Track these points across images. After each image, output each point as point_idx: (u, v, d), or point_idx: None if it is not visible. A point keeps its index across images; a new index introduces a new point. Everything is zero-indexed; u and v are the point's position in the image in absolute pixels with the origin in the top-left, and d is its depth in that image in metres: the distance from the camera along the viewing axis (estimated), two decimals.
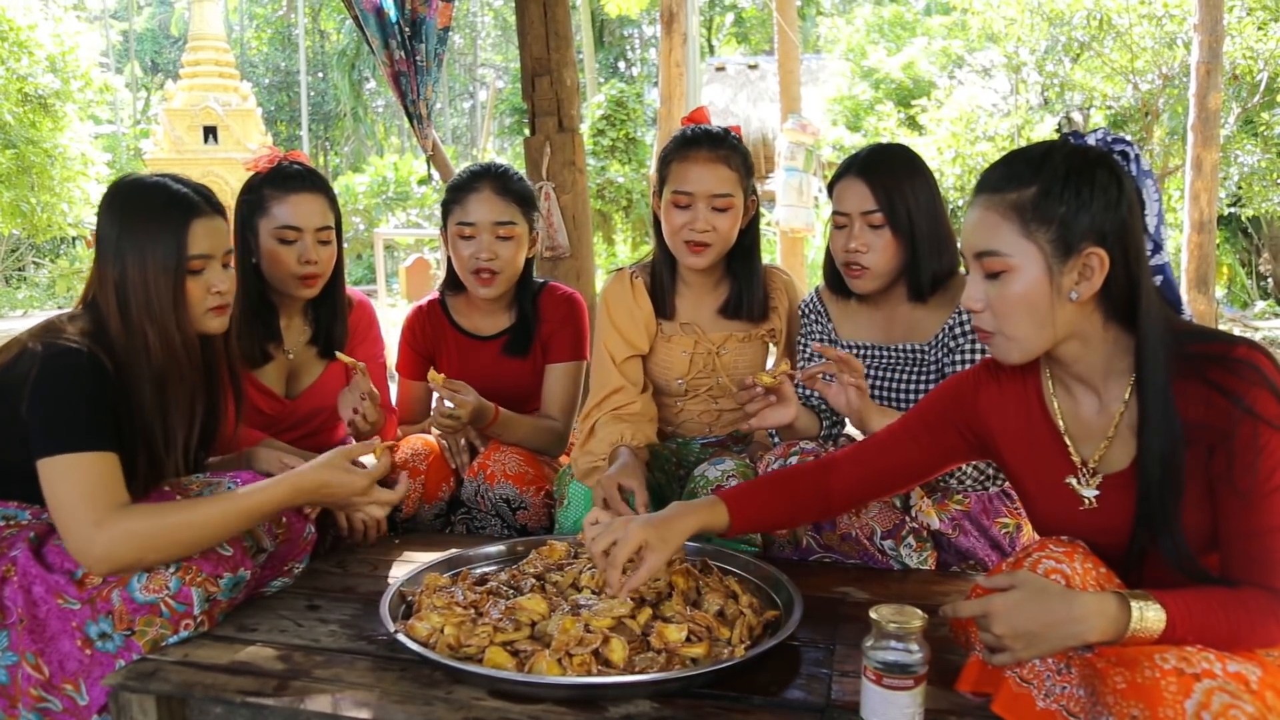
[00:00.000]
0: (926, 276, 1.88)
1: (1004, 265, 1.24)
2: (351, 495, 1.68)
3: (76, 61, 11.84)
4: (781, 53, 8.86)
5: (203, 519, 1.54)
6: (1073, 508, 1.33)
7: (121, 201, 1.64)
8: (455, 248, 2.29)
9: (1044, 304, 1.23)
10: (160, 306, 1.61)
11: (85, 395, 1.53)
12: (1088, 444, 1.33)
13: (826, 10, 21.41)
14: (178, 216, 1.62)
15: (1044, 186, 1.22)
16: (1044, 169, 1.23)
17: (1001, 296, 1.25)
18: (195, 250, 1.63)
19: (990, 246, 1.25)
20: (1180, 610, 1.12)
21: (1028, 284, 1.23)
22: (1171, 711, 1.03)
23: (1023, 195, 1.23)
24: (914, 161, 1.90)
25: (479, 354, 2.42)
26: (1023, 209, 1.23)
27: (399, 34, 3.78)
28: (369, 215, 16.98)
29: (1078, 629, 1.12)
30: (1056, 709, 1.16)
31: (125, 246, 1.61)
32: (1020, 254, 1.23)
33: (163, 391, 1.63)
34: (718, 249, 2.09)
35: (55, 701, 1.51)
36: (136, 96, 27.88)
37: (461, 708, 1.32)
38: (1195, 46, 6.18)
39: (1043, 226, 1.22)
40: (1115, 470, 1.30)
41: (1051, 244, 1.21)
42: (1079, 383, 1.33)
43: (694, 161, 2.04)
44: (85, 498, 1.47)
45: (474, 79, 30.66)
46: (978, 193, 1.29)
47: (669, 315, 2.23)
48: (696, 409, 2.26)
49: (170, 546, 1.51)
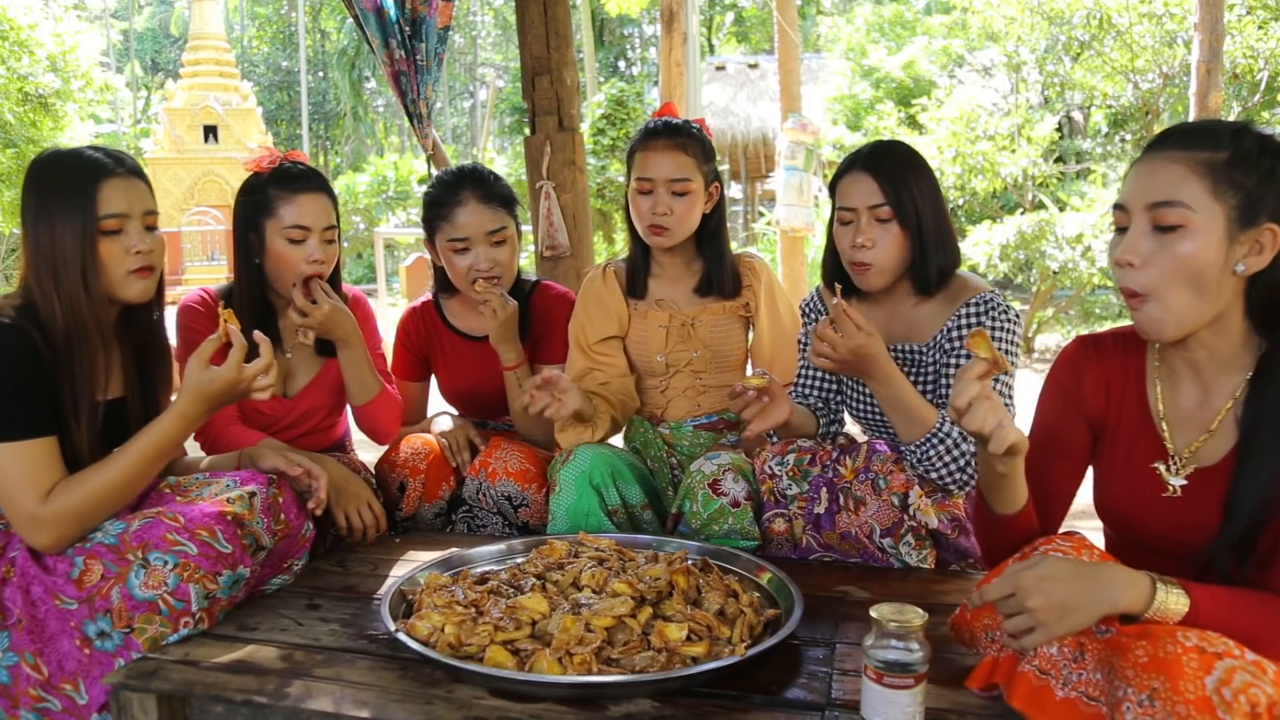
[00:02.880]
0: (933, 271, 1.88)
1: (1183, 219, 1.20)
2: (232, 387, 1.66)
3: (77, 61, 11.82)
4: (782, 52, 8.85)
5: (120, 475, 1.61)
6: (1154, 495, 1.32)
7: (36, 172, 1.66)
8: (449, 260, 2.31)
9: (1213, 269, 1.20)
10: (68, 270, 1.63)
11: (15, 378, 1.56)
12: (1183, 434, 1.33)
13: (827, 9, 21.41)
14: (85, 179, 1.65)
15: (1239, 153, 1.20)
16: (1239, 139, 1.21)
17: (1171, 253, 1.20)
18: (106, 210, 1.65)
19: (1175, 196, 1.20)
20: (1205, 600, 1.13)
21: (1203, 245, 1.19)
22: (1192, 685, 1.03)
23: (1216, 156, 1.20)
24: (916, 156, 1.91)
25: (474, 354, 2.43)
26: (1215, 168, 1.20)
27: (399, 33, 3.79)
28: (369, 214, 16.99)
29: (1110, 594, 1.12)
30: (1075, 696, 1.15)
31: (39, 216, 1.64)
32: (1205, 211, 1.19)
33: (71, 357, 1.64)
34: (678, 231, 2.20)
35: (54, 701, 1.51)
36: (137, 96, 27.89)
37: (462, 707, 1.32)
38: (1195, 45, 6.16)
39: (1232, 190, 1.19)
40: (1208, 464, 1.29)
41: (1237, 209, 1.19)
42: (1190, 370, 1.32)
43: (654, 150, 2.18)
44: (23, 488, 1.54)
45: (474, 78, 30.66)
46: (1158, 148, 1.25)
47: (643, 295, 2.33)
48: (681, 385, 2.32)
49: (103, 508, 1.60)
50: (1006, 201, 9.03)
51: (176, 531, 1.55)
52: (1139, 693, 1.06)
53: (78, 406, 1.65)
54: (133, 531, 1.56)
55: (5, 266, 12.57)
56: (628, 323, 2.33)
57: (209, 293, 2.17)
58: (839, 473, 1.86)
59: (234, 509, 1.63)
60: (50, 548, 1.57)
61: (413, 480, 2.24)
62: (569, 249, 3.67)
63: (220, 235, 14.75)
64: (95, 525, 1.59)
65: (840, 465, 1.86)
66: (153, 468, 1.65)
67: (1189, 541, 1.29)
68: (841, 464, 1.86)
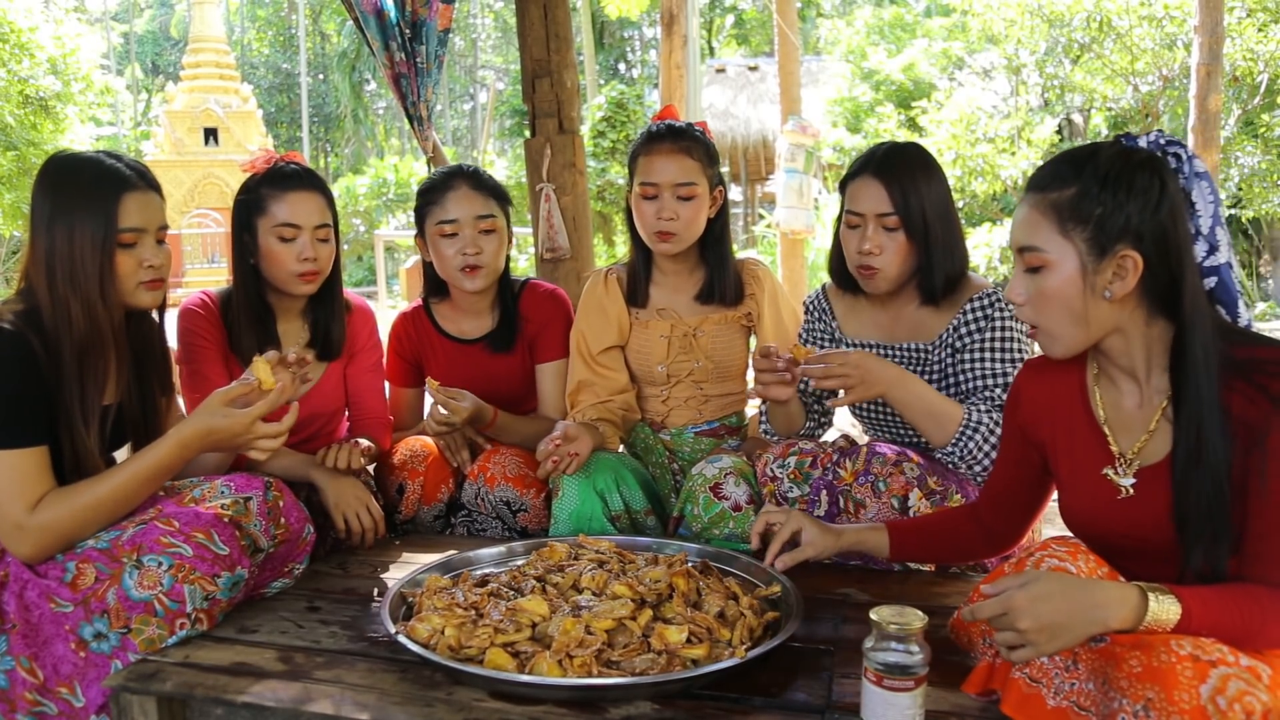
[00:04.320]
0: (940, 279, 1.88)
1: (1041, 261, 1.29)
2: (236, 437, 1.66)
3: (77, 64, 11.83)
4: (782, 54, 8.86)
5: (110, 494, 1.60)
6: (1109, 498, 1.34)
7: (53, 176, 1.66)
8: (437, 248, 2.30)
9: (1078, 300, 1.27)
10: (86, 277, 1.63)
11: (12, 388, 1.56)
12: (1127, 435, 1.35)
13: (827, 12, 21.43)
14: (108, 190, 1.65)
15: (1083, 187, 1.25)
16: (1085, 170, 1.26)
17: (1040, 291, 1.30)
18: (126, 224, 1.66)
19: (1030, 242, 1.30)
20: (1195, 604, 1.13)
21: (1063, 280, 1.27)
22: (1187, 695, 1.03)
23: (1063, 195, 1.27)
24: (929, 161, 1.89)
25: (466, 357, 2.42)
26: (1061, 208, 1.27)
27: (399, 36, 3.79)
28: (369, 217, 17.01)
29: (1100, 614, 1.12)
30: (1067, 705, 1.16)
31: (56, 220, 1.63)
32: (1056, 251, 1.27)
33: (83, 363, 1.64)
34: (685, 236, 2.17)
35: (51, 705, 1.50)
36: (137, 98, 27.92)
37: (462, 709, 1.32)
38: (1195, 48, 6.17)
39: (1079, 226, 1.25)
40: (1153, 461, 1.31)
41: (1087, 243, 1.25)
42: (1123, 374, 1.35)
43: (658, 154, 2.15)
44: (10, 497, 1.54)
45: (474, 81, 30.68)
46: (1027, 190, 1.34)
47: (645, 304, 2.30)
48: (683, 395, 2.31)
49: (89, 525, 1.59)
50: (1006, 204, 9.04)
51: (171, 534, 1.55)
52: (1134, 703, 1.07)
53: (86, 411, 1.65)
54: (126, 537, 1.56)
55: (5, 269, 12.58)
56: (628, 331, 2.32)
57: (210, 296, 2.17)
58: (839, 475, 1.86)
59: (230, 513, 1.63)
60: (31, 558, 1.57)
61: (411, 482, 2.24)
62: (569, 251, 3.67)
63: (220, 238, 14.77)
64: (79, 540, 1.59)
65: (840, 468, 1.86)
66: (144, 489, 1.65)
67: (1150, 538, 1.30)
68: (842, 466, 1.86)
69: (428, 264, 2.40)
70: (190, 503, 1.66)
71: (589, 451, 2.05)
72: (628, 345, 2.32)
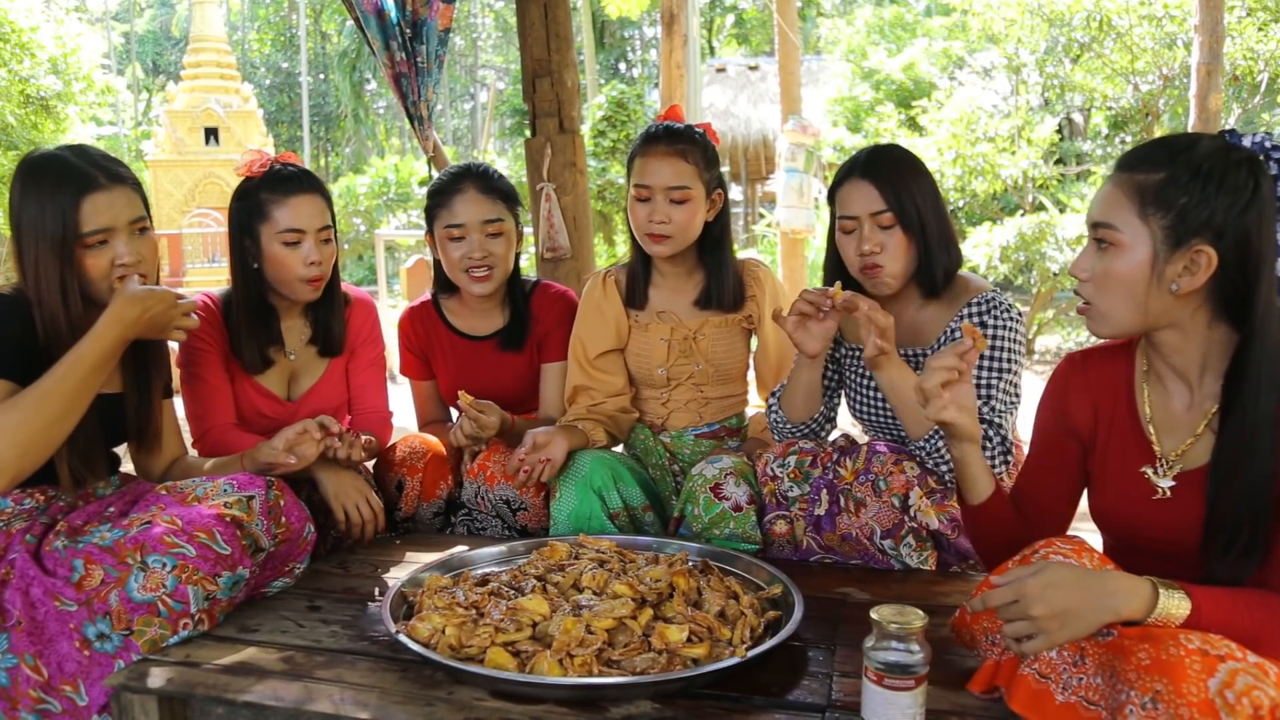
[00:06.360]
0: (939, 272, 1.88)
1: (1114, 239, 1.27)
2: (169, 309, 1.66)
3: (78, 63, 11.83)
4: (782, 54, 8.85)
5: (55, 387, 1.56)
6: (1144, 497, 1.34)
7: (22, 180, 1.67)
8: (445, 250, 2.30)
9: (1141, 287, 1.26)
10: (46, 285, 1.64)
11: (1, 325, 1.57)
12: (1172, 437, 1.34)
13: (827, 11, 21.41)
14: (66, 196, 1.64)
15: (1172, 174, 1.23)
16: (1179, 158, 1.24)
17: (1105, 270, 1.29)
18: (89, 227, 1.65)
19: (1105, 219, 1.28)
20: (1206, 602, 1.13)
21: (1131, 264, 1.26)
22: (1195, 688, 1.03)
23: (1149, 178, 1.25)
24: (913, 160, 1.90)
25: (474, 354, 2.43)
26: (1145, 191, 1.25)
27: (400, 35, 3.79)
28: (370, 216, 16.99)
29: (1112, 603, 1.12)
30: (1075, 700, 1.16)
31: (22, 225, 1.64)
32: (1131, 233, 1.26)
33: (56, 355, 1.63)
34: (678, 240, 2.16)
35: (54, 703, 1.51)
36: (138, 98, 27.93)
37: (463, 708, 1.32)
38: (1195, 47, 6.16)
39: (1159, 213, 1.24)
40: (1195, 466, 1.31)
41: (1164, 230, 1.24)
42: (1174, 375, 1.34)
43: (653, 156, 2.14)
44: None
45: (475, 80, 30.67)
46: (1116, 168, 1.32)
47: (644, 306, 2.29)
48: (683, 398, 2.30)
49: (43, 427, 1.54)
50: (1007, 203, 9.03)
51: (174, 534, 1.55)
52: (1141, 695, 1.06)
53: None
54: (130, 535, 1.56)
55: (6, 269, 12.58)
56: (627, 334, 2.31)
57: (212, 298, 2.17)
58: (839, 474, 1.86)
59: (233, 511, 1.63)
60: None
61: (410, 479, 2.24)
62: (569, 251, 3.67)
63: (221, 237, 14.72)
64: (45, 446, 1.56)
65: (840, 467, 1.86)
66: (84, 378, 1.59)
67: (1182, 542, 1.29)
68: (842, 465, 1.87)
69: (438, 261, 2.40)
70: (193, 501, 1.67)
71: (563, 454, 2.04)
72: (627, 348, 2.31)
